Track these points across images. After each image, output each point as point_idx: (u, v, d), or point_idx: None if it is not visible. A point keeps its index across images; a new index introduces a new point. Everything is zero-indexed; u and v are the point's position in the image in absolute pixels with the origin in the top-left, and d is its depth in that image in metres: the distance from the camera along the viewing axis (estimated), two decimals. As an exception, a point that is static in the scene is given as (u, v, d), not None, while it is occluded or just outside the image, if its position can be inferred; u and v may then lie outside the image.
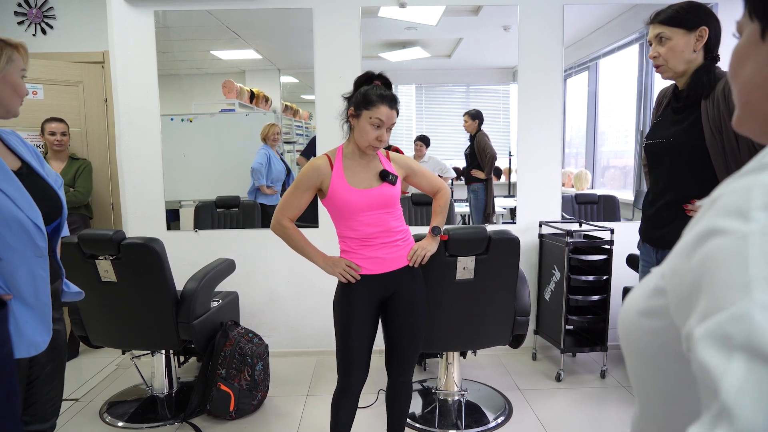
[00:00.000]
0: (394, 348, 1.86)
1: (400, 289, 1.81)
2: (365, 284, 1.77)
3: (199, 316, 2.44)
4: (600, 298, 2.83)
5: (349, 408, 1.85)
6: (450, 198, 1.96)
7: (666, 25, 1.55)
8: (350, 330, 1.76)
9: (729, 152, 1.47)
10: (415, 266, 1.83)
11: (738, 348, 0.33)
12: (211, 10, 3.10)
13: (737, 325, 0.33)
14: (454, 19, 3.37)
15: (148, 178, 3.14)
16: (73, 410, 2.59)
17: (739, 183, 0.41)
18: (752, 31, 0.49)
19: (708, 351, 0.35)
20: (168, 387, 2.68)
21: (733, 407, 0.31)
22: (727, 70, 0.55)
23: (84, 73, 3.49)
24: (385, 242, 1.76)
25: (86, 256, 2.28)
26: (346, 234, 1.77)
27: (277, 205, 1.82)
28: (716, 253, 0.38)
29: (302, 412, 2.55)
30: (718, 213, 0.40)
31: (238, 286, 3.08)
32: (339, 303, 1.80)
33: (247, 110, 3.55)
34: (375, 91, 1.69)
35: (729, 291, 0.35)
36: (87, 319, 2.46)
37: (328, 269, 1.78)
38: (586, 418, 2.47)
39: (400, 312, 1.82)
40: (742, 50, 0.51)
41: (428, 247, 1.84)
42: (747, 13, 0.51)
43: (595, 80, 3.88)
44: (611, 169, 4.08)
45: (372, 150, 1.72)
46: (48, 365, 1.44)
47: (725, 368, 0.33)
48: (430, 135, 3.84)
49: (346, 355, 1.78)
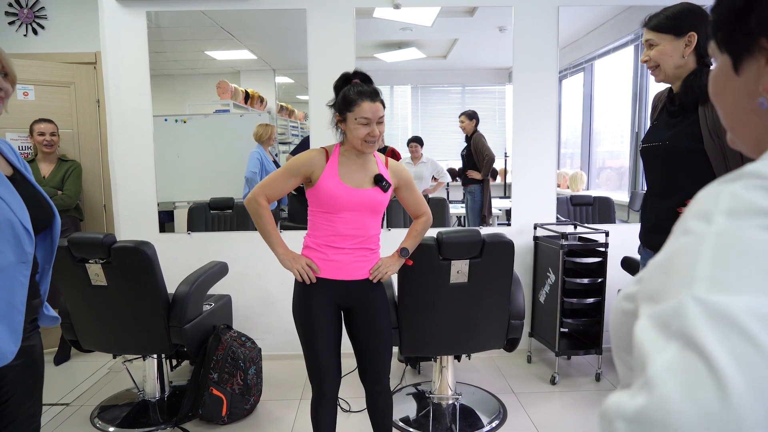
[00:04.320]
0: (364, 360, 1.84)
1: (361, 304, 1.78)
2: (323, 288, 1.73)
3: (191, 320, 2.41)
4: (595, 300, 2.82)
5: (329, 414, 1.82)
6: (429, 226, 1.91)
7: (654, 32, 1.55)
8: (314, 334, 1.73)
9: (730, 155, 1.45)
10: (373, 282, 1.79)
11: (674, 335, 0.37)
12: (205, 11, 3.07)
13: (675, 316, 0.38)
14: (449, 20, 3.36)
15: (141, 179, 3.12)
16: (63, 415, 2.57)
17: (713, 189, 0.44)
18: (724, 64, 0.51)
19: (647, 331, 0.39)
20: (160, 391, 2.66)
21: (657, 381, 0.35)
22: (710, 93, 0.56)
23: (76, 74, 3.46)
24: (354, 248, 1.73)
25: (76, 259, 2.25)
26: (318, 226, 1.72)
27: (261, 181, 1.78)
28: (678, 249, 0.42)
29: (295, 416, 2.53)
30: (690, 215, 0.44)
31: (231, 289, 3.05)
32: (298, 306, 1.76)
33: (241, 111, 3.52)
34: (353, 90, 1.66)
35: (677, 284, 0.40)
36: (77, 323, 2.44)
37: (286, 263, 1.73)
38: (581, 421, 2.46)
39: (364, 327, 1.79)
40: (718, 80, 0.53)
41: (391, 267, 1.80)
42: (715, 42, 0.52)
43: (591, 81, 3.87)
44: (606, 170, 4.07)
45: (368, 147, 1.69)
46: (24, 382, 1.36)
47: (658, 348, 0.37)
48: (425, 136, 3.81)
49: (314, 362, 1.75)
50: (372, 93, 1.66)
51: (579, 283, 2.81)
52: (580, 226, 3.10)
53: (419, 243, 1.91)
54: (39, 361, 1.45)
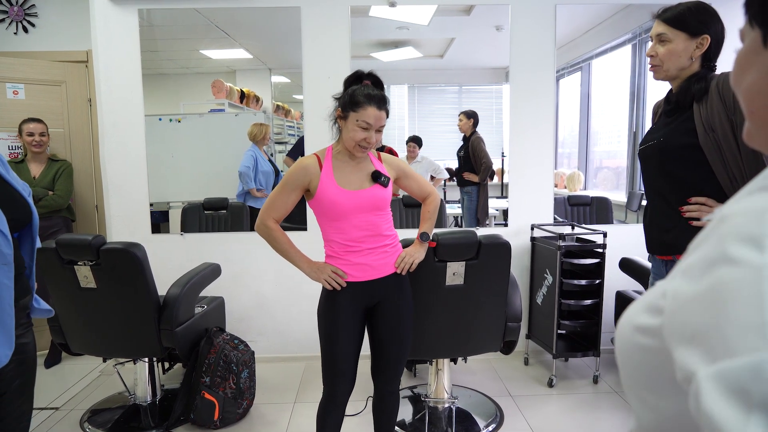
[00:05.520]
0: (380, 359, 1.80)
1: (386, 298, 1.76)
2: (351, 292, 1.71)
3: (183, 323, 2.38)
4: (592, 302, 2.79)
5: (336, 419, 1.79)
6: (439, 204, 1.92)
7: (669, 26, 1.49)
8: (336, 339, 1.70)
9: (726, 149, 1.42)
10: (402, 274, 1.77)
11: (757, 406, 0.30)
12: (199, 9, 3.03)
13: (756, 379, 0.30)
14: (446, 19, 3.33)
15: (133, 179, 3.07)
16: (53, 419, 2.52)
17: (751, 203, 0.37)
18: (753, 39, 0.47)
19: (719, 401, 0.31)
20: (151, 395, 2.62)
21: None
22: (731, 78, 0.52)
23: (67, 73, 3.41)
24: (373, 248, 1.71)
25: (65, 261, 2.21)
26: (332, 237, 1.71)
27: (263, 204, 1.76)
28: (727, 285, 0.34)
29: (289, 420, 2.49)
30: (728, 237, 0.36)
31: (225, 290, 3.01)
32: (324, 312, 1.74)
33: (236, 110, 3.49)
34: (362, 91, 1.63)
35: (743, 333, 0.32)
36: (66, 326, 2.39)
37: (312, 275, 1.72)
38: (578, 424, 2.43)
39: (386, 322, 1.76)
40: (744, 58, 0.48)
41: (416, 254, 1.79)
42: (747, 20, 0.48)
43: (588, 81, 3.84)
44: (604, 170, 4.05)
45: (359, 151, 1.66)
46: (15, 380, 1.37)
47: (739, 425, 0.30)
48: (422, 135, 3.79)
49: (332, 366, 1.72)
50: (380, 100, 1.63)
51: (576, 285, 2.78)
52: (577, 227, 3.07)
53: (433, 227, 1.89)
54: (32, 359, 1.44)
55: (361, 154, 1.68)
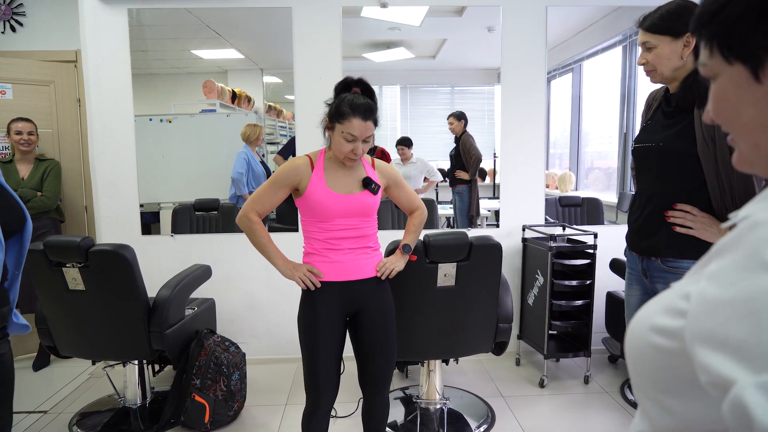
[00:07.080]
0: (367, 371, 1.78)
1: (368, 305, 1.74)
2: (329, 293, 1.69)
3: (173, 325, 2.36)
4: (583, 303, 2.80)
5: (321, 427, 1.77)
6: (425, 218, 1.90)
7: (651, 33, 1.49)
8: (317, 344, 1.67)
9: (721, 162, 1.42)
10: (382, 279, 1.76)
11: None
12: (190, 9, 3.01)
13: None
14: (437, 20, 3.33)
15: (122, 180, 3.05)
16: (41, 423, 2.49)
17: None
18: (737, 75, 0.46)
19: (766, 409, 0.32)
20: (141, 398, 2.59)
21: None
22: (711, 111, 0.50)
23: (55, 73, 3.37)
24: (353, 248, 1.70)
25: (53, 263, 2.19)
26: (313, 235, 1.69)
27: (250, 196, 1.75)
28: (764, 291, 0.34)
29: (280, 422, 2.48)
30: (766, 244, 0.35)
31: (216, 292, 3.00)
32: (303, 315, 1.72)
33: (228, 111, 3.47)
34: (348, 101, 1.60)
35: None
36: (55, 328, 2.37)
37: (287, 272, 1.70)
38: (570, 424, 2.44)
39: (370, 330, 1.74)
40: (732, 97, 0.47)
41: (396, 263, 1.79)
42: (719, 56, 0.47)
43: (579, 82, 3.86)
44: (595, 171, 4.07)
45: (349, 161, 1.66)
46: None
47: None
48: (414, 136, 3.79)
49: (315, 373, 1.70)
50: (366, 110, 1.59)
51: (567, 286, 2.80)
52: (568, 228, 3.09)
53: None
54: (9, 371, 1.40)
55: (350, 165, 1.68)
